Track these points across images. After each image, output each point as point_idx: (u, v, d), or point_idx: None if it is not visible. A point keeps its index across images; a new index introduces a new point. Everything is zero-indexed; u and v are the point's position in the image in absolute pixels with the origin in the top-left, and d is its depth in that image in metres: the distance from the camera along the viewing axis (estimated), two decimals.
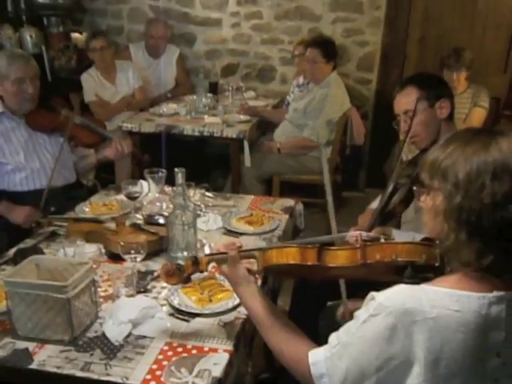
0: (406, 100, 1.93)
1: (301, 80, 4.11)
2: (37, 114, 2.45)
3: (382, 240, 1.25)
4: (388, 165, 3.67)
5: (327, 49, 3.55)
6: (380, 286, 1.08)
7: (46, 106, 2.52)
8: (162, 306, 1.53)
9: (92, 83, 3.96)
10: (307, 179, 3.67)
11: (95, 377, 1.25)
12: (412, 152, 2.27)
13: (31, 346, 1.34)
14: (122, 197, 2.20)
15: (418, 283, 1.05)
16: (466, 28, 4.16)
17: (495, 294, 0.99)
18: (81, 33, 4.60)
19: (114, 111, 4.01)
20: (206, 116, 3.77)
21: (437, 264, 1.11)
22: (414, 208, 1.94)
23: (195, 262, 1.31)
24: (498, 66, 4.25)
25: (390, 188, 1.99)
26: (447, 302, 0.99)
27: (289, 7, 4.42)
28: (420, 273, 1.13)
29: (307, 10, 4.39)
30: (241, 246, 1.35)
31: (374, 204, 2.15)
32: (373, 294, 1.05)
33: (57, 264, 1.45)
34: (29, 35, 4.21)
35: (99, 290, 1.58)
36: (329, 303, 2.10)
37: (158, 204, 2.03)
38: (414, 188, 1.14)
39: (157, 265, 1.74)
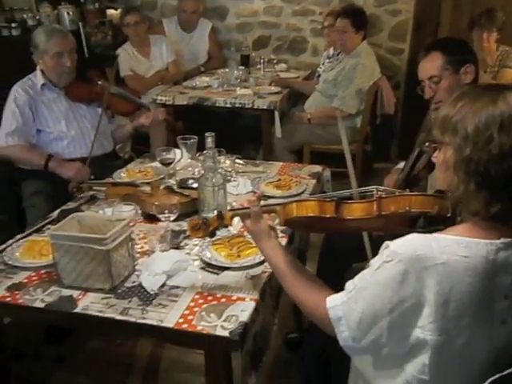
0: (430, 65, 1.96)
1: (331, 51, 4.13)
2: (75, 86, 2.60)
3: (397, 193, 1.31)
4: (420, 134, 3.67)
5: (357, 18, 3.56)
6: None
7: (84, 78, 2.66)
8: (194, 260, 1.64)
9: (127, 58, 4.07)
10: (337, 149, 3.69)
11: (133, 319, 1.37)
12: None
13: (75, 293, 1.48)
14: (156, 164, 2.32)
15: (430, 233, 1.11)
16: None
17: (502, 240, 1.05)
18: (116, 9, 4.71)
19: (149, 85, 4.11)
20: (237, 88, 3.85)
21: (448, 215, 1.17)
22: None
23: (220, 217, 1.40)
24: None
25: (415, 153, 2.03)
26: (456, 248, 1.05)
27: None
28: (432, 223, 1.19)
29: None
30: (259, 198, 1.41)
31: (400, 165, 2.20)
32: (387, 242, 1.12)
33: (97, 221, 1.58)
34: (66, 12, 4.33)
35: (136, 246, 1.70)
36: (354, 265, 2.18)
37: (190, 169, 2.14)
38: (426, 144, 1.20)
39: None
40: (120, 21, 4.16)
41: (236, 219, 1.45)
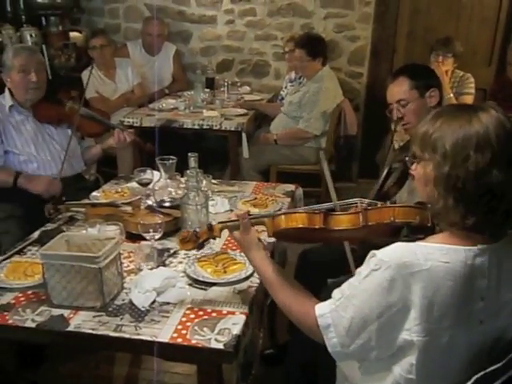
0: (398, 89, 2.07)
1: (293, 75, 4.28)
2: (43, 107, 2.60)
3: (379, 205, 1.40)
4: (380, 154, 3.82)
5: (312, 47, 3.70)
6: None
7: (52, 99, 2.66)
8: (182, 277, 1.67)
9: (92, 80, 4.08)
10: (303, 169, 3.83)
11: (127, 336, 1.39)
12: (403, 140, 2.42)
13: (66, 312, 1.48)
14: (133, 184, 2.34)
15: (413, 241, 1.20)
16: (452, 21, 4.33)
17: (479, 246, 1.15)
18: (79, 31, 4.72)
19: (115, 107, 4.13)
20: (204, 110, 3.91)
21: (429, 224, 1.27)
22: (408, 190, 2.09)
23: (210, 229, 1.45)
24: (483, 58, 4.43)
25: (385, 172, 2.14)
26: (438, 255, 1.14)
27: (281, 4, 4.57)
28: (414, 232, 1.28)
29: (299, 7, 4.55)
30: (250, 214, 1.46)
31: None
32: (373, 251, 1.20)
33: (85, 240, 1.60)
34: (29, 34, 4.30)
35: None
36: (329, 280, 2.26)
37: (169, 189, 2.17)
38: (407, 158, 1.29)
39: (171, 243, 1.89)
40: (85, 43, 4.17)
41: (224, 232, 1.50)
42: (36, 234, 1.96)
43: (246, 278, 1.65)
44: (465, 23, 4.34)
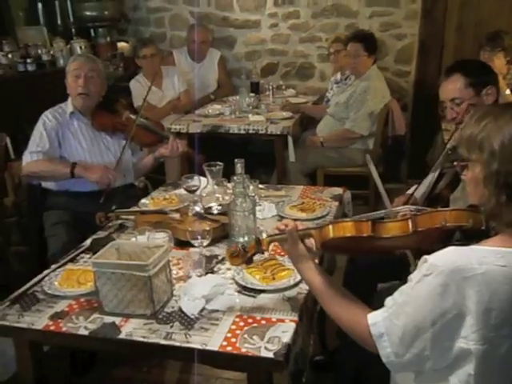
0: (452, 87, 1.98)
1: (338, 76, 4.23)
2: (101, 115, 2.67)
3: (429, 209, 1.35)
4: (431, 154, 3.73)
5: (369, 43, 3.66)
6: None
7: (111, 108, 2.72)
8: (230, 284, 1.67)
9: (140, 89, 4.15)
10: (350, 171, 3.77)
11: (177, 344, 1.39)
12: (456, 139, 2.34)
13: (117, 320, 1.50)
14: (180, 191, 2.36)
15: (466, 245, 1.15)
16: (504, 13, 4.17)
17: None
18: (126, 42, 4.83)
19: (162, 114, 4.18)
20: (249, 115, 3.91)
21: (482, 228, 1.22)
22: (462, 189, 2.02)
23: (258, 242, 1.43)
24: None
25: (437, 173, 2.07)
26: (493, 258, 1.09)
27: (325, 5, 4.54)
28: (468, 236, 1.23)
29: (344, 7, 4.50)
30: (297, 226, 1.45)
31: (410, 190, 2.24)
32: (425, 256, 1.16)
33: (135, 248, 1.62)
34: (79, 46, 4.45)
35: None
36: (380, 285, 2.20)
37: (216, 195, 2.18)
38: (455, 163, 1.24)
39: (220, 250, 1.89)
40: (134, 53, 4.25)
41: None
42: (88, 242, 2.00)
43: (295, 285, 1.63)
44: None
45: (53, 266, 1.82)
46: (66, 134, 2.61)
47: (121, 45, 4.84)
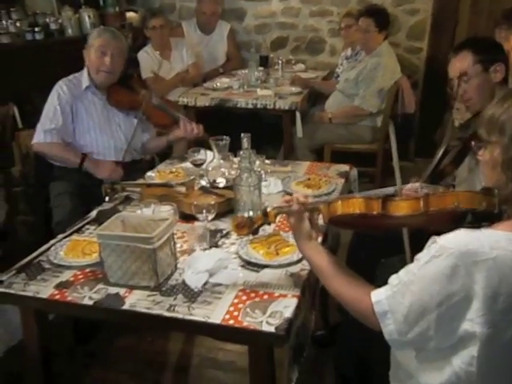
0: (460, 64, 1.98)
1: (349, 52, 4.17)
2: (117, 92, 2.63)
3: (441, 190, 1.33)
4: (439, 132, 3.69)
5: (380, 18, 3.60)
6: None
7: (127, 85, 2.69)
8: (234, 258, 1.68)
9: (149, 60, 4.12)
10: (357, 148, 3.75)
11: (180, 316, 1.41)
12: (464, 118, 2.32)
13: (121, 291, 1.52)
14: (186, 164, 2.36)
15: (478, 228, 1.14)
16: None
17: None
18: (135, 12, 4.77)
19: (170, 87, 4.16)
20: (258, 89, 3.89)
21: (495, 211, 1.20)
22: (468, 167, 2.01)
23: (265, 214, 1.43)
24: None
25: (443, 149, 2.06)
26: (505, 243, 1.08)
27: None
28: (480, 219, 1.22)
29: None
30: (305, 203, 1.43)
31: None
32: (435, 237, 1.15)
33: (140, 220, 1.62)
34: (87, 15, 4.39)
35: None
36: (383, 260, 2.21)
37: (222, 169, 2.18)
38: (473, 143, 1.22)
39: (225, 224, 1.89)
40: (143, 23, 4.20)
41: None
42: (94, 214, 2.01)
43: (299, 261, 1.63)
44: None
45: (59, 236, 1.84)
46: (80, 107, 2.58)
47: (129, 15, 4.78)
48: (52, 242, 1.80)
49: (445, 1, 4.26)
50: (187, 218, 1.90)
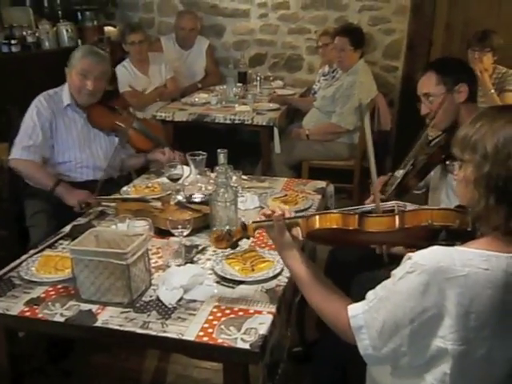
0: (425, 83, 2.05)
1: (326, 69, 4.22)
2: (98, 112, 2.58)
3: (416, 207, 1.35)
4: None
5: (355, 37, 3.65)
6: None
7: (108, 106, 2.64)
8: (210, 274, 1.66)
9: (126, 75, 4.10)
10: (335, 165, 3.78)
11: (153, 333, 1.39)
12: (433, 136, 2.36)
13: (94, 307, 1.49)
14: (163, 179, 2.35)
15: (452, 246, 1.16)
16: (493, 13, 4.18)
17: None
18: (114, 26, 4.76)
19: (147, 101, 4.14)
20: (236, 105, 3.90)
21: (469, 229, 1.21)
22: (440, 176, 2.06)
23: (244, 228, 1.43)
24: None
25: (410, 164, 2.10)
26: (477, 261, 1.09)
27: None
28: (453, 237, 1.23)
29: (334, 0, 4.47)
30: (284, 214, 1.44)
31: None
32: (409, 254, 1.16)
33: (114, 236, 1.60)
34: (65, 29, 4.36)
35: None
36: (359, 275, 2.22)
37: (199, 184, 2.17)
38: (447, 163, 1.25)
39: (200, 239, 1.88)
40: (121, 38, 4.19)
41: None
42: (67, 229, 1.98)
43: (274, 277, 1.63)
44: (506, 16, 4.18)
45: (31, 252, 1.80)
46: (60, 124, 2.52)
47: (108, 29, 4.77)
48: (24, 257, 1.76)
49: (420, 22, 4.35)
50: (163, 233, 1.88)
